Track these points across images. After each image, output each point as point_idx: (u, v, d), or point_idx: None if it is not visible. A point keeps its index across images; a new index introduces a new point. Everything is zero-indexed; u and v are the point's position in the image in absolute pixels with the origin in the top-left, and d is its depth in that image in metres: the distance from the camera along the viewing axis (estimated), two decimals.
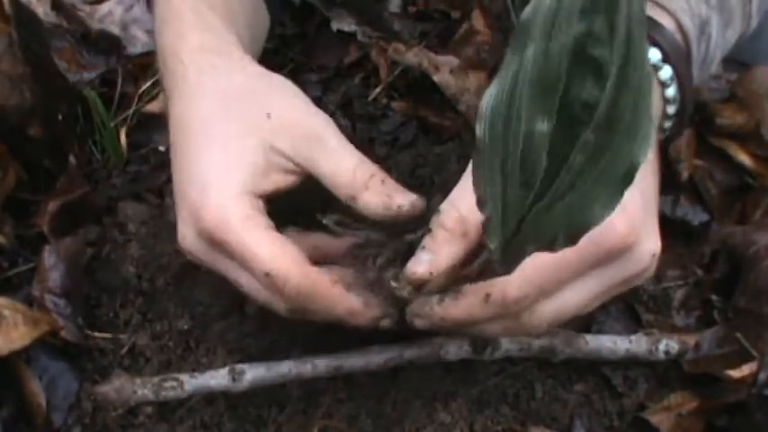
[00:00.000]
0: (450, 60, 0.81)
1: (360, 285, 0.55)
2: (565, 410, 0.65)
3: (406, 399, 0.63)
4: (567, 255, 0.49)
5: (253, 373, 0.60)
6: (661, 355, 0.65)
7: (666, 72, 0.60)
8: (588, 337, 0.64)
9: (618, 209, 0.48)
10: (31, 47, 0.74)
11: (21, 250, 0.72)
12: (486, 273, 0.50)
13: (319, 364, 0.61)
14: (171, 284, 0.69)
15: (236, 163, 0.57)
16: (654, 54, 0.59)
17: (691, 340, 0.66)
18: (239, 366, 0.60)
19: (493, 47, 0.83)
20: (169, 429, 0.63)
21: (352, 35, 0.85)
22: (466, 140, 0.79)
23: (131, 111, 0.81)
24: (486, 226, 0.45)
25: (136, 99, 0.83)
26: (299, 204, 0.60)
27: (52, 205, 0.72)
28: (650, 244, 0.54)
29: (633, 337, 0.65)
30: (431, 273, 0.53)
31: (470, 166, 0.45)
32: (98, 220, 0.73)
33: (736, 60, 0.80)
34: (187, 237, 0.57)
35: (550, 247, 0.45)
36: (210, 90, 0.60)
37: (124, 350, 0.67)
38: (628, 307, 0.69)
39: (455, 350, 0.61)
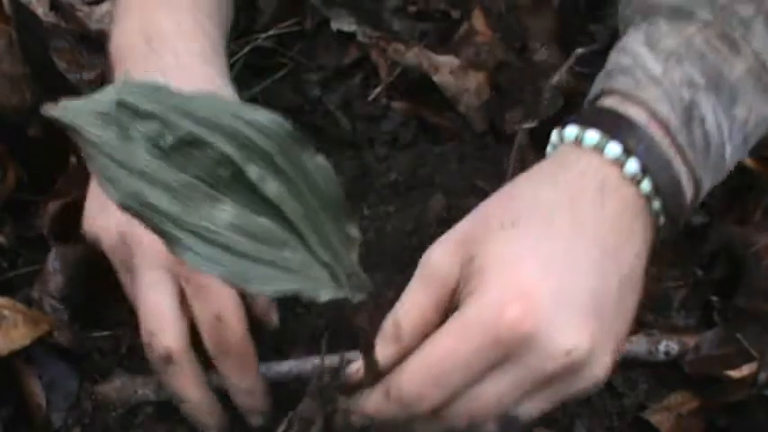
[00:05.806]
0: (450, 60, 0.81)
1: None
2: (565, 410, 0.64)
3: None
4: (456, 345, 0.47)
5: None
6: (661, 356, 0.65)
7: (632, 166, 0.51)
8: None
9: (515, 293, 0.47)
10: (31, 47, 0.74)
11: (21, 251, 0.72)
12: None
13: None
14: None
15: None
16: (613, 148, 0.51)
17: (691, 341, 0.66)
18: None
19: (493, 47, 0.83)
20: (169, 429, 0.63)
21: (352, 35, 0.85)
22: (466, 140, 0.79)
23: None
24: None
25: None
26: None
27: (52, 206, 0.72)
28: (563, 339, 0.47)
29: (633, 338, 0.65)
30: (357, 370, 0.51)
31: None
32: None
33: None
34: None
35: None
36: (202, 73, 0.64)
37: (124, 350, 0.67)
38: None
39: None
